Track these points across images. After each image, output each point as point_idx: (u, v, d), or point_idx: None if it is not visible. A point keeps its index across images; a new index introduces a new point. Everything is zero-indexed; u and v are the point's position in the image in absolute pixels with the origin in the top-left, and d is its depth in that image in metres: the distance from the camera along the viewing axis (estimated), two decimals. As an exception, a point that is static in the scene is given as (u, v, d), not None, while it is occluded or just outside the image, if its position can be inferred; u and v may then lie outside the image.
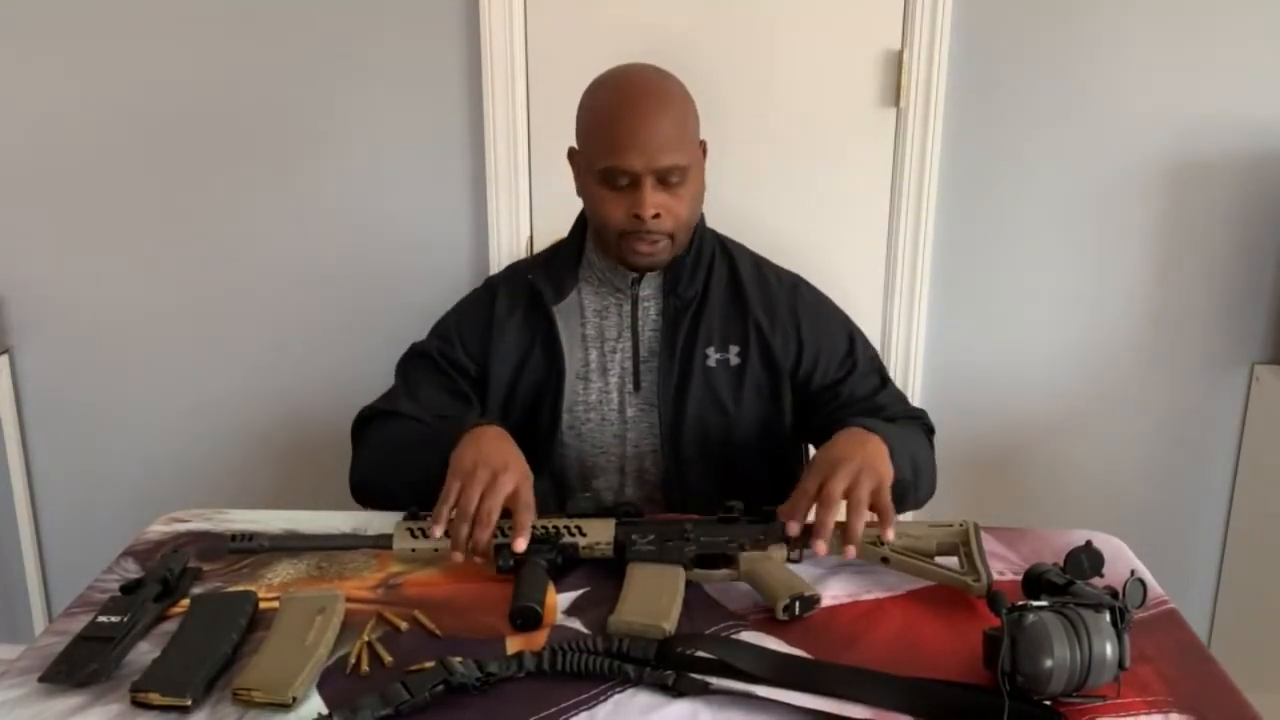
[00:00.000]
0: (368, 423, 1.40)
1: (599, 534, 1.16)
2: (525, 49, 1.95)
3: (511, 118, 1.96)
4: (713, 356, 1.40)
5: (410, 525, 1.17)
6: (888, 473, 1.17)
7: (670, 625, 1.04)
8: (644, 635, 1.02)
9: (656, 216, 1.31)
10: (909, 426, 1.38)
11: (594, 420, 1.42)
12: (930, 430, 1.44)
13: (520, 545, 1.12)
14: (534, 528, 1.15)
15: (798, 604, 1.08)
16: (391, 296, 2.06)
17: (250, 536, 1.16)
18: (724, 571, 1.14)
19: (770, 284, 1.45)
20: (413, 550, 1.16)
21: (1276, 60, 1.89)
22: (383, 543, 1.17)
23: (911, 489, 1.29)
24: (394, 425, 1.37)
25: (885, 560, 1.14)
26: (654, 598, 1.07)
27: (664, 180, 1.30)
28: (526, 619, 1.06)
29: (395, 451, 1.34)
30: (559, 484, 1.46)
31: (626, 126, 1.29)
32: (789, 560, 1.15)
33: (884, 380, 1.46)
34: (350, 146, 2.01)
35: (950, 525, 1.17)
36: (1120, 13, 1.88)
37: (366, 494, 1.36)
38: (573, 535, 1.16)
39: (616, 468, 1.44)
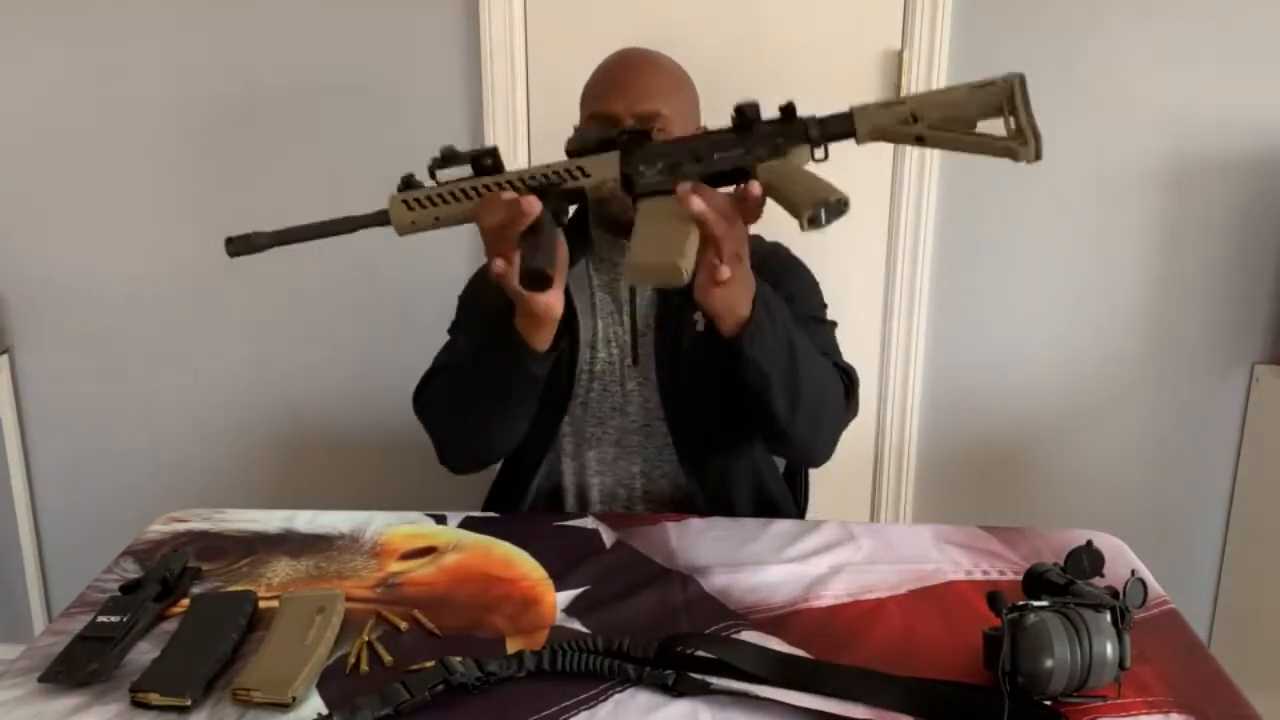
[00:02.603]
0: (425, 391, 1.39)
1: (603, 171, 1.09)
2: (525, 51, 1.95)
3: (512, 119, 1.95)
4: (700, 322, 1.38)
5: (406, 196, 1.11)
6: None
7: (686, 264, 0.97)
8: (661, 277, 0.96)
9: None
10: (815, 354, 1.29)
11: (596, 390, 1.42)
12: (850, 384, 1.35)
13: (531, 199, 1.06)
14: (535, 176, 1.09)
15: (823, 211, 0.97)
16: (390, 297, 2.06)
17: (247, 237, 1.11)
18: (739, 187, 1.04)
19: (754, 249, 1.44)
20: (412, 223, 1.10)
21: (1276, 60, 1.89)
22: (380, 220, 1.12)
23: (771, 360, 1.19)
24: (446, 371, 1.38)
25: (920, 139, 1.01)
26: (667, 235, 0.99)
27: None
28: (535, 280, 1.02)
29: (460, 370, 1.33)
30: (575, 442, 1.45)
31: (613, 76, 1.34)
32: (814, 160, 1.04)
33: (818, 327, 1.40)
34: (349, 149, 2.01)
35: (990, 84, 1.00)
36: (1121, 13, 1.88)
37: (465, 442, 1.34)
38: (576, 178, 1.09)
39: (613, 440, 1.44)
